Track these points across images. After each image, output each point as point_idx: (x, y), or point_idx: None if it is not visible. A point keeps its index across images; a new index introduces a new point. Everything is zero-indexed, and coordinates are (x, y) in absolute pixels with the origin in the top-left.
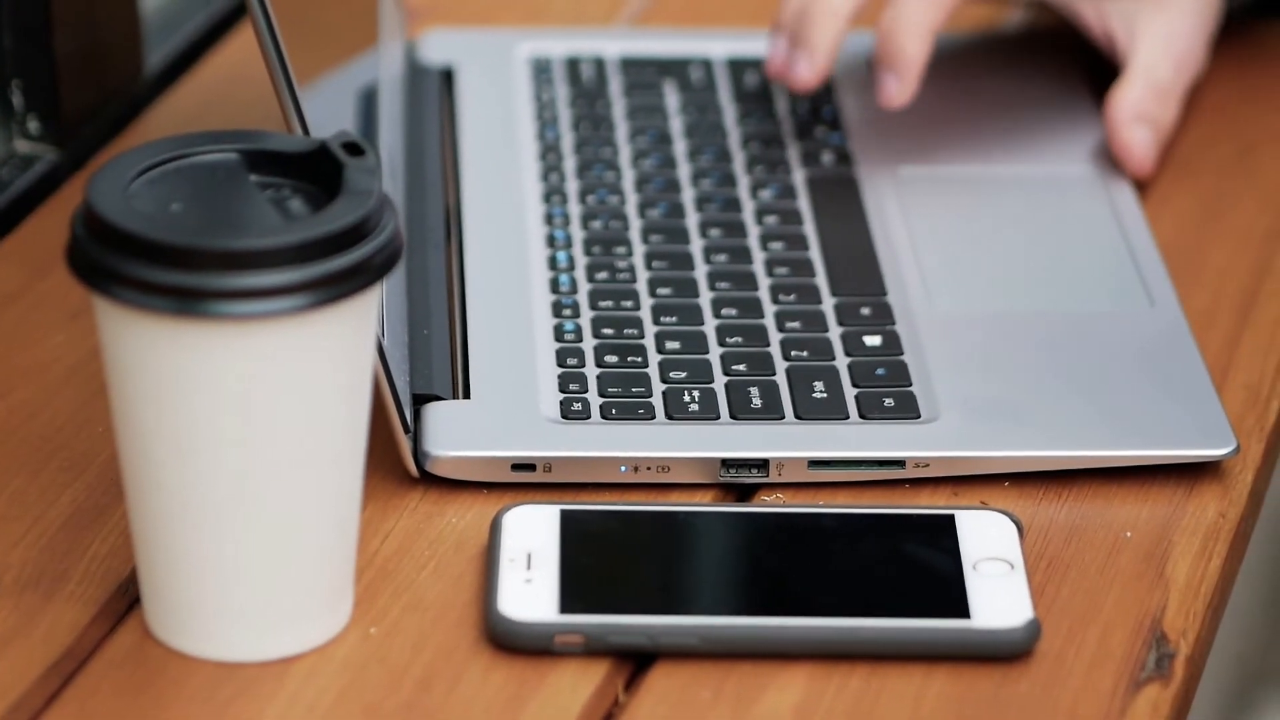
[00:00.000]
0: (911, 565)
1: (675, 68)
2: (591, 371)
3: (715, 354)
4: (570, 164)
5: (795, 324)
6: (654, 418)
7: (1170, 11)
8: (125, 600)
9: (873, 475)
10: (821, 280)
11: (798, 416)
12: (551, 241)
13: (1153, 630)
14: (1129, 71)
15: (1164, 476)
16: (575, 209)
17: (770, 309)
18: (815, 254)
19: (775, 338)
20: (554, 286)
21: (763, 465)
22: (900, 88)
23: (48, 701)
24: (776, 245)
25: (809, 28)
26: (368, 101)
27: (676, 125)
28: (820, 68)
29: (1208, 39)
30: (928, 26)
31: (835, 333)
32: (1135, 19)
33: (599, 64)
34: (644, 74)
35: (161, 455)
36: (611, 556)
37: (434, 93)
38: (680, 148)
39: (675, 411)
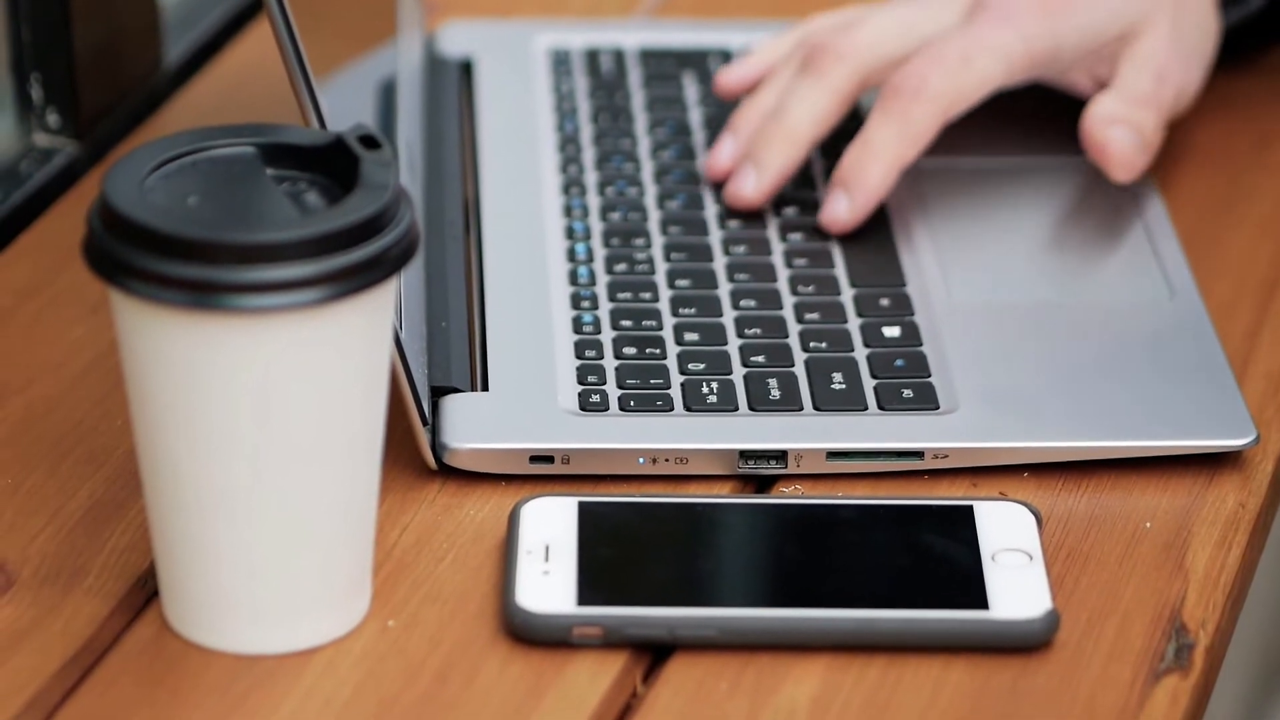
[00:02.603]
0: (930, 556)
1: (694, 59)
2: (610, 363)
3: (734, 345)
4: (589, 156)
5: (814, 315)
6: (672, 409)
7: (1147, 36)
8: (143, 593)
9: (891, 466)
10: (840, 271)
11: (816, 408)
12: (570, 233)
13: (1172, 621)
14: (1107, 89)
15: (1184, 467)
16: (594, 201)
17: (789, 300)
18: (834, 245)
19: (794, 329)
20: (572, 278)
21: (781, 457)
22: (850, 213)
23: (66, 694)
24: (795, 237)
25: (765, 148)
26: (387, 94)
27: (695, 117)
28: (767, 189)
29: (1193, 55)
30: (896, 160)
31: (854, 324)
32: (1117, 56)
33: (618, 55)
34: (663, 65)
35: (179, 449)
36: (629, 548)
37: (453, 85)
38: (699, 139)
39: (694, 403)
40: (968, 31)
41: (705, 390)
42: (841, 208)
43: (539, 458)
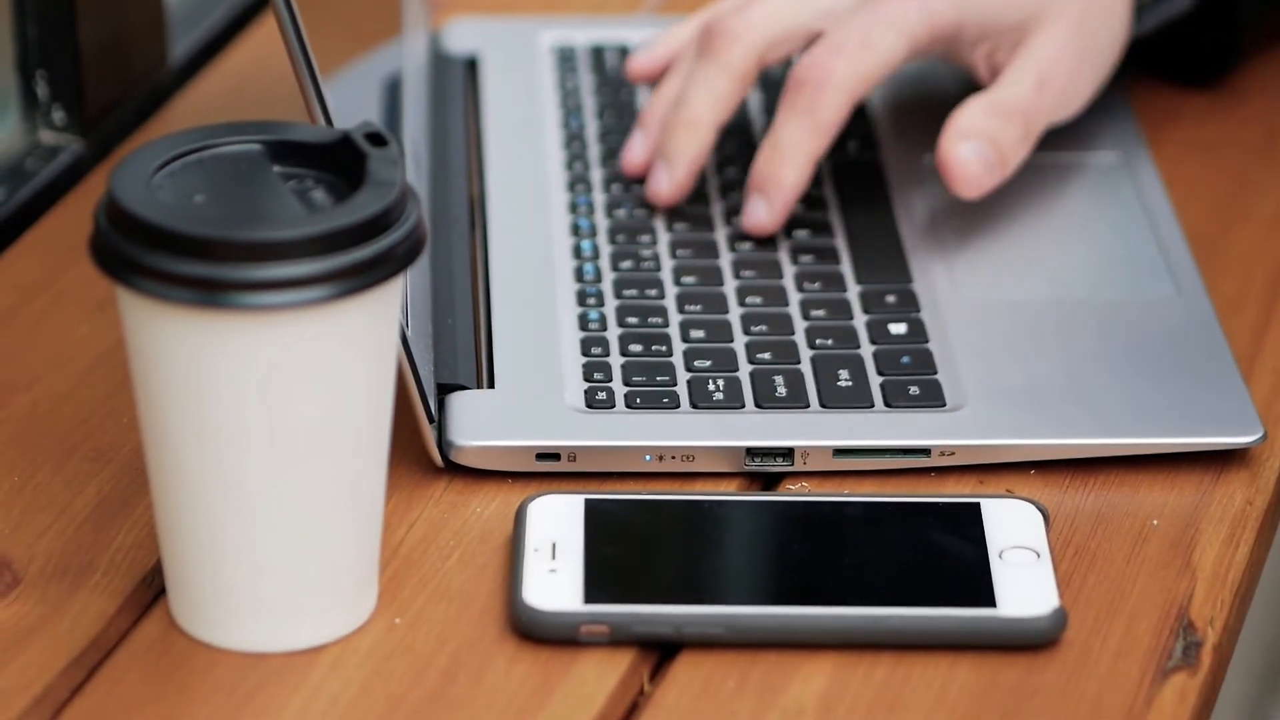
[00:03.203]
0: (937, 554)
1: None
2: (616, 360)
3: (740, 342)
4: (594, 152)
5: (820, 312)
6: (678, 407)
7: (1045, 31)
8: (150, 591)
9: (898, 464)
10: (847, 268)
11: (823, 405)
12: (576, 230)
13: (1180, 619)
14: (974, 95)
15: (1191, 464)
16: (599, 197)
17: (795, 297)
18: (840, 241)
19: (800, 326)
20: (578, 275)
21: (788, 454)
22: (769, 216)
23: (73, 692)
24: (801, 233)
25: (670, 140)
26: (392, 91)
27: None
28: (680, 181)
29: (1091, 57)
30: (809, 156)
31: (860, 320)
32: (1014, 49)
33: (623, 52)
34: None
35: (185, 446)
36: (636, 546)
37: (458, 82)
38: None
39: (700, 400)
40: (867, 7)
41: (711, 387)
42: (760, 212)
43: (545, 455)
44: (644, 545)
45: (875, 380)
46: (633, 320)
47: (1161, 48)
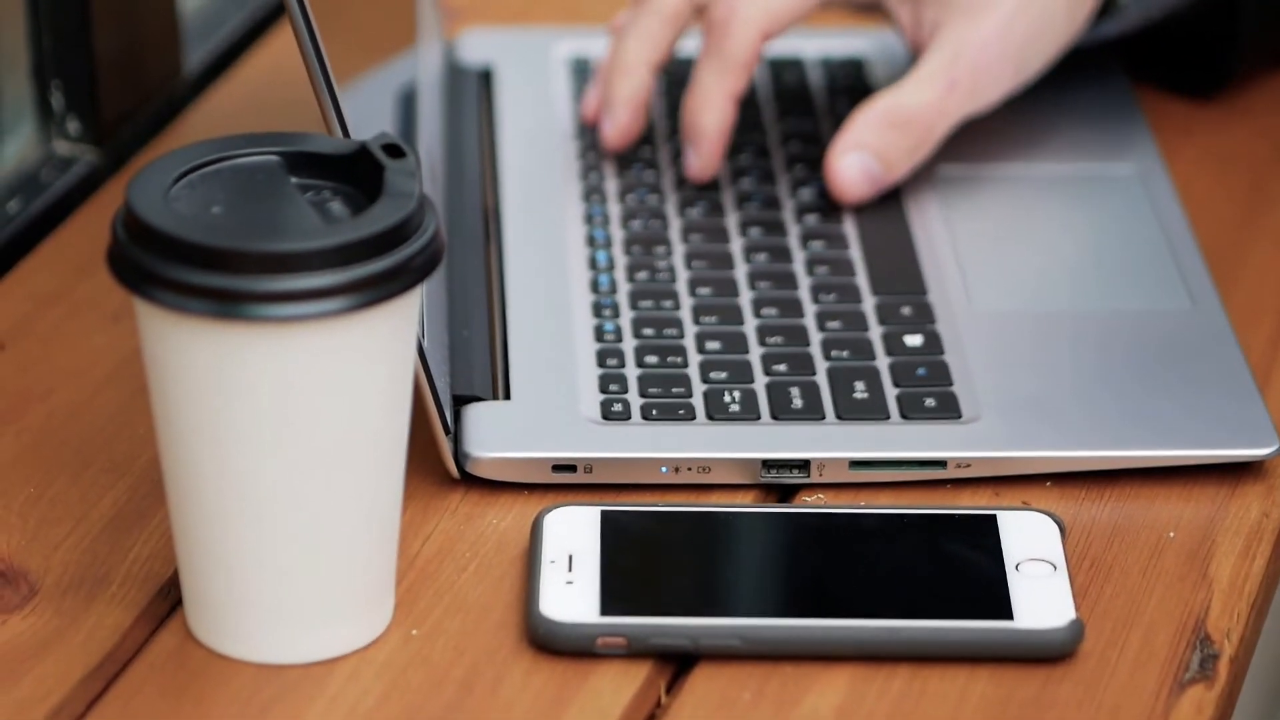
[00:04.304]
0: (953, 566)
1: None
2: (632, 372)
3: (756, 354)
4: (609, 163)
5: (836, 324)
6: (694, 418)
7: (976, 22)
8: (167, 603)
9: (914, 475)
10: (862, 279)
11: (839, 417)
12: (591, 241)
13: (1196, 631)
14: (893, 84)
15: (1206, 476)
16: (615, 208)
17: (811, 308)
18: (856, 253)
19: (816, 337)
20: (594, 286)
21: (804, 466)
22: (700, 163)
23: (90, 704)
24: (817, 244)
25: (608, 86)
26: (406, 102)
27: None
28: (622, 124)
29: (1024, 49)
30: (725, 96)
31: (876, 332)
32: (939, 26)
33: None
34: (681, 72)
35: (202, 457)
36: (653, 558)
37: (473, 93)
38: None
39: (716, 412)
40: None
41: (727, 399)
42: (692, 161)
43: (561, 467)
44: (660, 557)
45: (891, 392)
46: (648, 331)
47: (1164, 57)
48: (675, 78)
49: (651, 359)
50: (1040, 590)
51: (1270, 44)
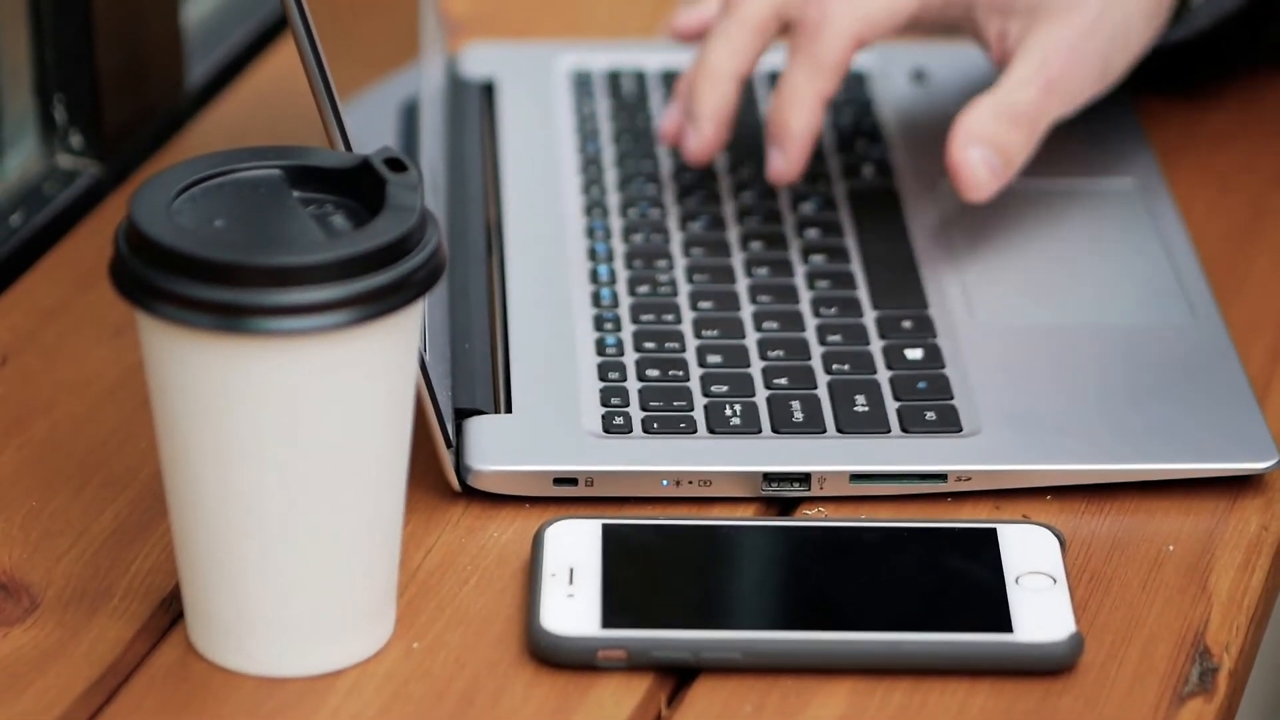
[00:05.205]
0: (954, 579)
1: None
2: (633, 385)
3: (757, 368)
4: (611, 177)
5: (837, 337)
6: (695, 432)
7: (1063, 26)
8: (168, 616)
9: (914, 489)
10: (863, 293)
11: (839, 430)
12: (593, 255)
13: (1196, 644)
14: (990, 89)
15: (1206, 490)
16: (616, 222)
17: (811, 322)
18: (856, 267)
19: (817, 351)
20: (595, 300)
21: (804, 479)
22: (786, 164)
23: (91, 717)
24: (818, 258)
25: (693, 98)
26: (409, 115)
27: None
28: (707, 137)
29: (1109, 52)
30: (815, 98)
31: (877, 346)
32: (1026, 34)
33: (640, 77)
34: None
35: (204, 470)
36: (653, 571)
37: (475, 106)
38: (721, 160)
39: (717, 425)
40: None
41: (728, 412)
42: (778, 162)
43: (562, 480)
44: (661, 570)
45: (892, 405)
46: (650, 345)
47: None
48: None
49: (653, 372)
50: (1040, 603)
51: None
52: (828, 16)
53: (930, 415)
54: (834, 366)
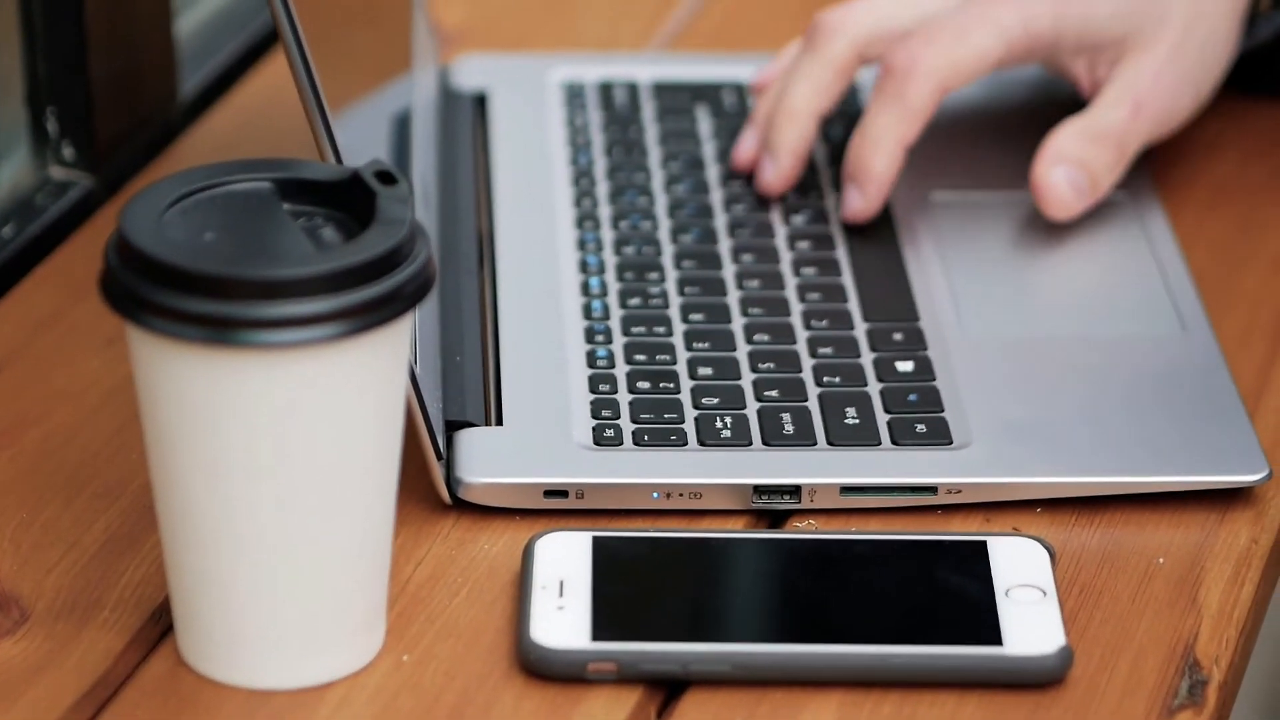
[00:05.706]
0: (944, 592)
1: (708, 92)
2: (624, 398)
3: (747, 380)
4: (603, 189)
5: (828, 350)
6: (686, 444)
7: (1145, 51)
8: (158, 628)
9: (905, 501)
10: (854, 306)
11: (830, 442)
12: (584, 267)
13: (1185, 657)
14: (1072, 116)
15: (1196, 502)
16: (608, 234)
17: (803, 335)
18: (848, 280)
19: (808, 364)
20: (586, 312)
21: (795, 491)
22: (864, 204)
23: None
24: (809, 271)
25: (773, 131)
26: (401, 127)
27: (709, 150)
28: (785, 171)
29: (1193, 77)
30: (898, 142)
31: (867, 358)
32: (1114, 66)
33: (632, 89)
34: (677, 99)
35: (194, 482)
36: (644, 583)
37: (467, 118)
38: (713, 173)
39: (707, 438)
40: (967, 7)
41: (719, 425)
42: (855, 201)
43: (553, 492)
44: (651, 583)
45: (882, 418)
46: (641, 357)
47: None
48: (667, 105)
49: (643, 384)
50: (1030, 616)
51: None
52: (916, 62)
53: (921, 428)
54: (825, 379)
